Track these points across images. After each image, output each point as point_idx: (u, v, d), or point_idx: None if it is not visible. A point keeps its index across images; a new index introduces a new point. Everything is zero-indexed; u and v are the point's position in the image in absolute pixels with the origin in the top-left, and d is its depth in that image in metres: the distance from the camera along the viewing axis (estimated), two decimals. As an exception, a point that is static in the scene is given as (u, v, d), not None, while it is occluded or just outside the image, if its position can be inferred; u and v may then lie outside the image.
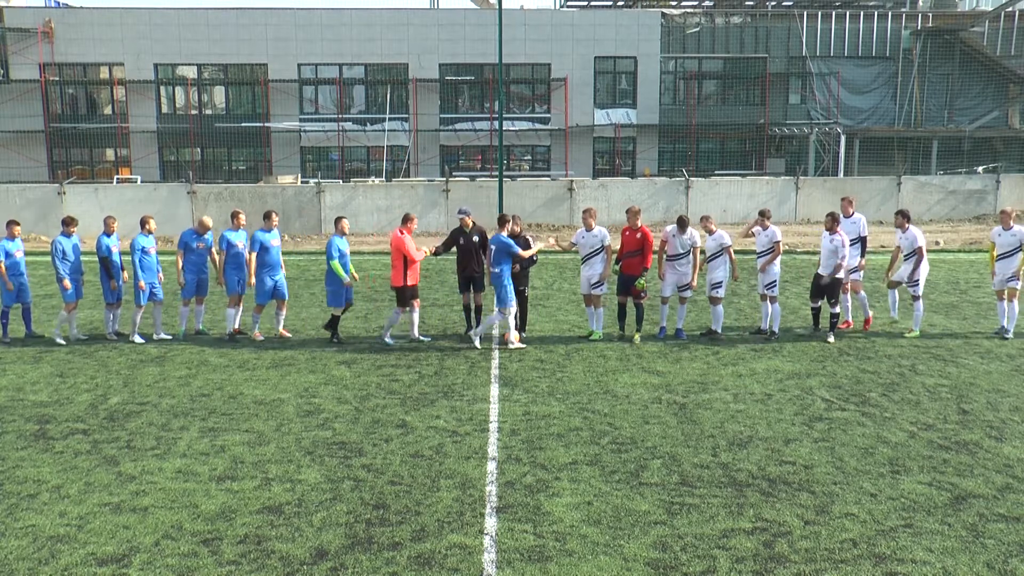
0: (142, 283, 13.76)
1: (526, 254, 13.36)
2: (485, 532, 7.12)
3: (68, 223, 13.97)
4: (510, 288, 13.04)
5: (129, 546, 6.89)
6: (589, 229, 13.73)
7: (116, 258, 13.97)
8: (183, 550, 6.82)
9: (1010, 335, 13.83)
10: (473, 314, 14.03)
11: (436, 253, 14.08)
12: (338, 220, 13.86)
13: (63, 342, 13.81)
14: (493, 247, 13.11)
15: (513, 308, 13.16)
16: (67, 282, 13.68)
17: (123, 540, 6.99)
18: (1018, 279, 13.92)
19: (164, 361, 12.68)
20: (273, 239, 13.79)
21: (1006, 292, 13.95)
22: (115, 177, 38.40)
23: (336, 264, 13.37)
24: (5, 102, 39.40)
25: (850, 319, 14.48)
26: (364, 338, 14.03)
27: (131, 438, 9.38)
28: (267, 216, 13.88)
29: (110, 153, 41.64)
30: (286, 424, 9.84)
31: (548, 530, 7.15)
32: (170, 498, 7.79)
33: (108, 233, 13.99)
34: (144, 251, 13.85)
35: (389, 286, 14.03)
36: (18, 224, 14.31)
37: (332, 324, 13.79)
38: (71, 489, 8.01)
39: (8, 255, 13.80)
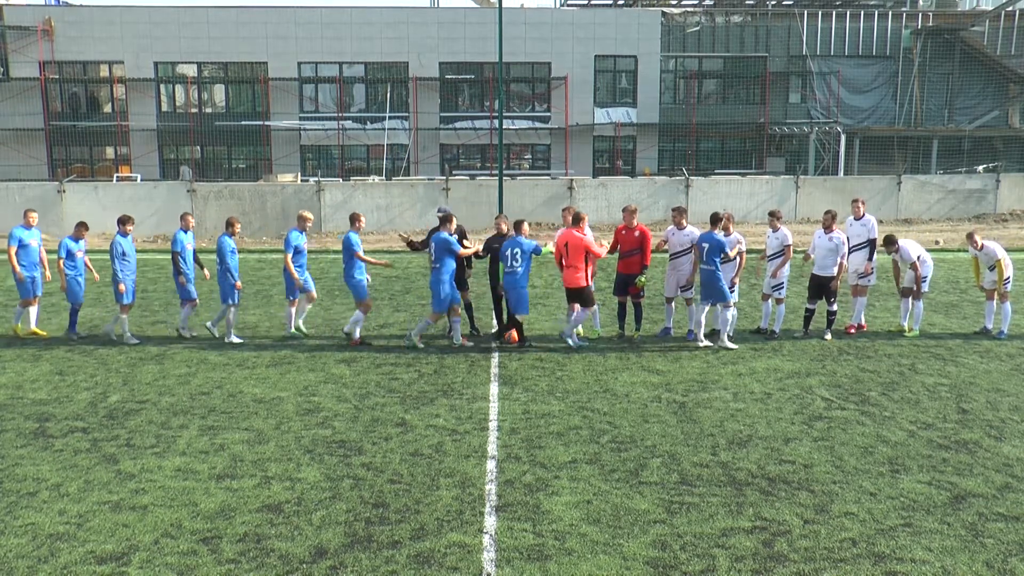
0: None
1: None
2: (485, 531, 7.12)
3: (125, 222, 13.77)
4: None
5: (128, 544, 6.89)
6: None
7: (189, 256, 13.93)
8: (182, 548, 6.82)
9: (1005, 334, 13.82)
10: (467, 311, 14.09)
11: (414, 247, 14.05)
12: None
13: (136, 340, 13.71)
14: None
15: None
16: (123, 286, 13.56)
17: (122, 538, 6.99)
18: (1008, 282, 13.85)
19: (164, 359, 12.68)
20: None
21: (997, 293, 13.94)
22: (115, 175, 38.39)
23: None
24: (5, 100, 39.37)
25: (864, 322, 14.30)
26: (365, 337, 14.01)
27: (130, 436, 9.38)
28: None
29: (110, 151, 41.61)
30: (286, 423, 9.84)
31: (547, 529, 7.15)
32: (169, 496, 7.79)
33: (185, 229, 13.88)
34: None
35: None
36: (87, 227, 14.20)
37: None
38: (70, 487, 8.01)
39: (70, 254, 13.73)
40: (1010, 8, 42.90)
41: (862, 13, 42.98)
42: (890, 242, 13.83)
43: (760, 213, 29.77)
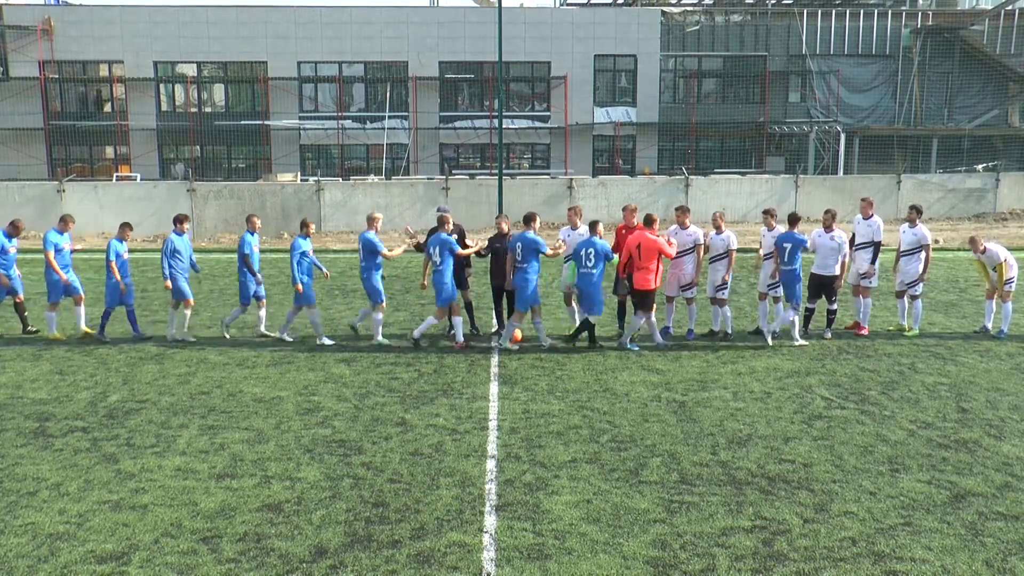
0: (299, 285, 13.42)
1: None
2: (484, 530, 7.12)
3: (181, 220, 13.77)
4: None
5: (128, 544, 6.89)
6: (574, 228, 13.73)
7: (257, 257, 13.84)
8: (182, 548, 6.82)
9: (1005, 333, 13.82)
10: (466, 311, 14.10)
11: (420, 249, 14.07)
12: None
13: (193, 339, 13.75)
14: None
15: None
16: (168, 283, 13.55)
17: (122, 538, 6.99)
18: (1012, 283, 13.84)
19: (163, 359, 12.68)
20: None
21: (998, 293, 13.92)
22: (114, 175, 38.37)
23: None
24: (5, 100, 39.36)
25: (866, 324, 14.20)
26: (364, 336, 14.02)
27: (130, 436, 9.38)
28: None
29: (109, 151, 41.60)
30: (285, 422, 9.84)
31: (547, 528, 7.15)
32: (169, 496, 7.79)
33: (252, 231, 13.81)
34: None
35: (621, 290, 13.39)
36: (131, 228, 14.17)
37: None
38: (70, 487, 8.01)
39: (119, 255, 13.71)
40: (1010, 7, 42.88)
41: (862, 12, 42.97)
42: (975, 243, 13.81)
43: (760, 212, 29.74)
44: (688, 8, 43.78)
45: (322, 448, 9.00)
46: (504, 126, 37.74)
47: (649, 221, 13.14)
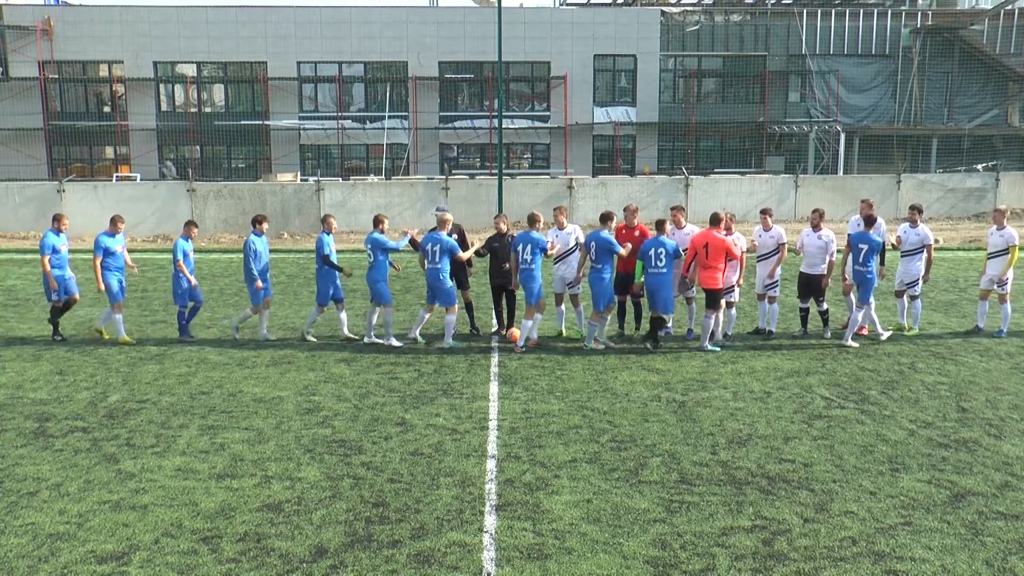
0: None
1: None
2: (485, 530, 7.12)
3: (260, 221, 13.71)
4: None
5: (129, 544, 6.89)
6: (561, 228, 13.72)
7: (334, 257, 13.79)
8: (183, 548, 6.82)
9: (1004, 334, 13.80)
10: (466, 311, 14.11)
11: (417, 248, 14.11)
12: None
13: (272, 337, 13.73)
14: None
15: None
16: (260, 283, 13.50)
17: (123, 538, 6.99)
18: (1007, 284, 13.79)
19: (163, 359, 12.68)
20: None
21: (994, 294, 13.89)
22: (114, 175, 38.37)
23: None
24: (4, 100, 39.37)
25: (866, 325, 14.06)
26: (365, 335, 14.02)
27: (131, 436, 9.38)
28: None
29: (109, 151, 41.60)
30: (286, 422, 9.84)
31: (547, 528, 7.15)
32: (170, 496, 7.79)
33: (328, 231, 13.75)
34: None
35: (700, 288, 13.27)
36: (196, 225, 14.05)
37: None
38: (71, 487, 8.01)
39: (186, 255, 13.62)
40: (1009, 7, 42.88)
41: (861, 12, 42.96)
42: (1000, 216, 13.80)
43: (759, 212, 29.74)
44: (688, 8, 43.77)
45: (322, 448, 9.00)
46: (504, 126, 37.73)
47: (715, 220, 13.06)
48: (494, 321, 14.35)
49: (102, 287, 13.56)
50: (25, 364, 12.42)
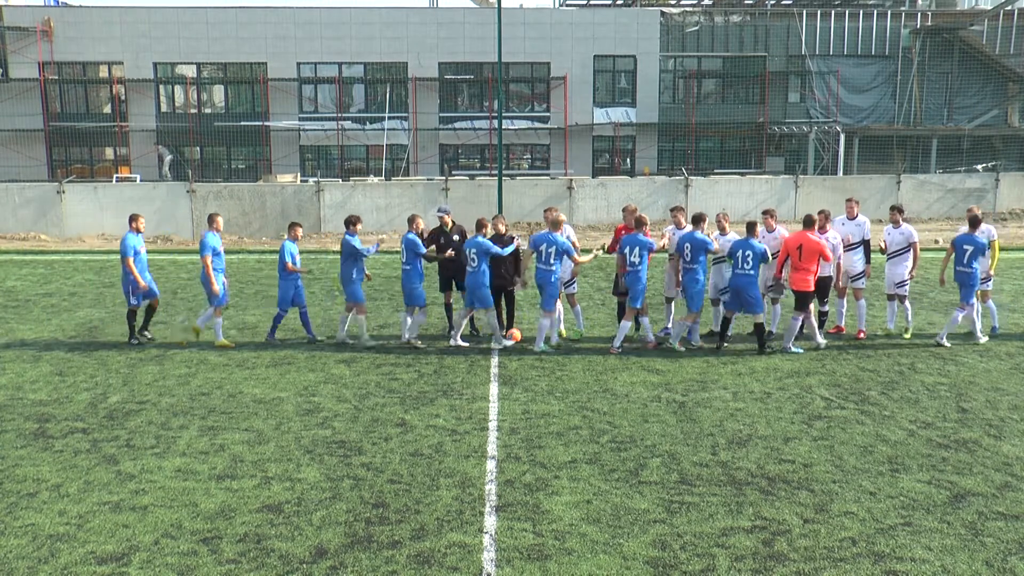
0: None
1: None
2: (484, 531, 7.12)
3: (355, 222, 13.41)
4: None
5: (129, 545, 6.89)
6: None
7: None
8: (183, 549, 6.83)
9: (985, 336, 13.76)
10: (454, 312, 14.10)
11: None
12: (354, 219, 13.57)
13: (373, 343, 13.47)
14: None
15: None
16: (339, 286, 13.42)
17: (123, 539, 6.99)
18: (989, 282, 13.79)
19: (163, 360, 12.68)
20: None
21: (979, 293, 13.88)
22: (114, 176, 38.38)
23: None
24: (4, 101, 39.37)
25: (842, 324, 14.08)
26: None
27: (130, 437, 9.38)
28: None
29: (109, 152, 41.62)
30: (285, 423, 9.84)
31: (547, 529, 7.15)
32: (170, 497, 7.80)
33: (416, 232, 13.52)
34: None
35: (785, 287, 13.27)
36: (300, 226, 13.82)
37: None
38: (70, 488, 8.01)
39: (293, 256, 13.40)
40: (1009, 7, 42.89)
41: (861, 12, 42.98)
42: (973, 213, 13.81)
43: (760, 213, 29.75)
44: (687, 8, 43.79)
45: (322, 449, 9.01)
46: (504, 127, 37.73)
47: (809, 222, 13.03)
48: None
49: (217, 288, 13.32)
50: (25, 365, 12.42)
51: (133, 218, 13.71)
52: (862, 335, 13.80)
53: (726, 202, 29.97)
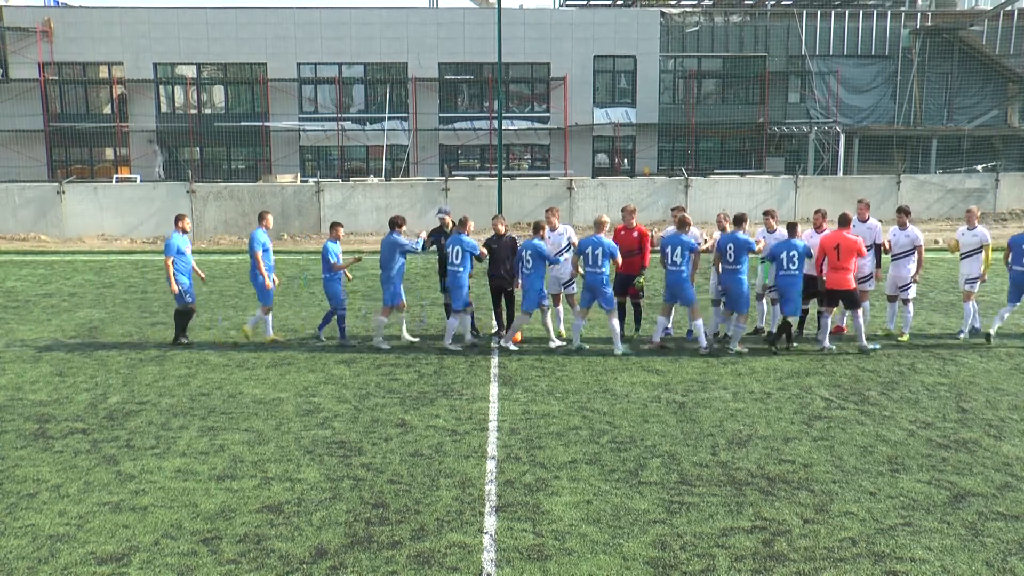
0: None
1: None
2: (484, 531, 7.12)
3: (399, 224, 13.38)
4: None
5: (129, 545, 6.89)
6: (553, 229, 13.73)
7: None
8: (183, 549, 6.83)
9: (964, 335, 13.78)
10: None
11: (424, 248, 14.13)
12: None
13: (387, 346, 13.36)
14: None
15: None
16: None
17: (122, 539, 6.99)
18: (976, 283, 13.76)
19: (163, 360, 12.68)
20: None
21: (963, 292, 13.91)
22: (114, 176, 38.39)
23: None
24: (4, 101, 39.38)
25: (843, 324, 14.08)
26: (364, 336, 14.02)
27: (130, 437, 9.38)
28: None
29: (109, 152, 41.62)
30: (285, 423, 9.84)
31: (547, 529, 7.15)
32: (170, 497, 7.79)
33: (464, 233, 13.39)
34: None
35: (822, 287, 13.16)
36: (342, 226, 13.79)
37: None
38: (70, 488, 8.01)
39: (337, 257, 13.44)
40: (1009, 7, 42.90)
41: (861, 13, 42.99)
42: (971, 216, 13.81)
43: (760, 213, 29.74)
44: (687, 9, 43.79)
45: (322, 449, 9.01)
46: (504, 127, 37.75)
47: (845, 221, 12.98)
48: (494, 322, 14.34)
49: (270, 284, 13.39)
50: (25, 366, 12.42)
51: (179, 218, 13.69)
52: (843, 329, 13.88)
53: (726, 202, 29.96)
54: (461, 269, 12.99)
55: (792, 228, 12.97)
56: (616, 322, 13.12)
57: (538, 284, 12.98)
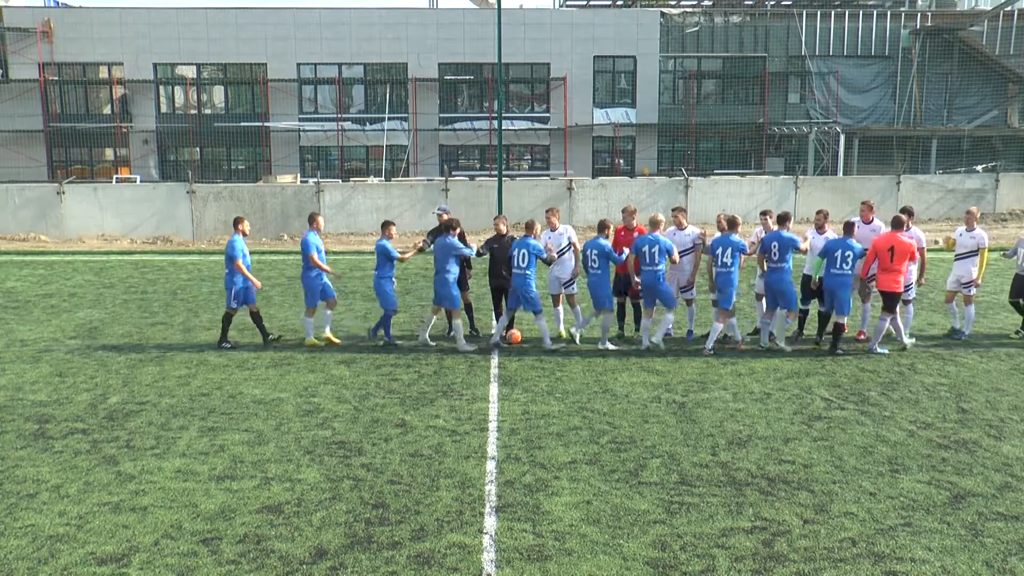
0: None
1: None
2: (484, 531, 7.12)
3: (454, 227, 13.31)
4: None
5: (128, 545, 6.89)
6: (554, 229, 13.73)
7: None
8: (182, 549, 6.83)
9: (966, 336, 13.75)
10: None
11: (421, 249, 14.13)
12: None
13: (433, 344, 13.44)
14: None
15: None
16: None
17: (122, 539, 6.99)
18: (971, 287, 13.74)
19: (163, 360, 12.68)
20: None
21: (959, 295, 13.85)
22: (114, 177, 38.39)
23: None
24: (4, 102, 39.39)
25: (864, 329, 13.96)
26: (364, 336, 14.02)
27: (130, 437, 9.38)
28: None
29: (109, 153, 41.63)
30: (285, 423, 9.84)
31: (547, 529, 7.15)
32: (169, 497, 7.79)
33: (532, 236, 13.29)
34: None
35: (877, 290, 13.10)
36: (393, 225, 13.82)
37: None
38: (70, 488, 8.01)
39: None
40: (1009, 8, 42.91)
41: (861, 13, 43.00)
42: (971, 217, 13.78)
43: (759, 214, 29.74)
44: (687, 9, 43.81)
45: (322, 449, 9.01)
46: (504, 127, 37.75)
47: (898, 224, 12.83)
48: (494, 323, 14.34)
49: (259, 284, 13.50)
50: (25, 366, 12.42)
51: (238, 221, 13.62)
52: (862, 336, 13.77)
53: (726, 203, 29.98)
54: (528, 272, 12.95)
55: (848, 228, 12.82)
56: (670, 316, 13.22)
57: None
